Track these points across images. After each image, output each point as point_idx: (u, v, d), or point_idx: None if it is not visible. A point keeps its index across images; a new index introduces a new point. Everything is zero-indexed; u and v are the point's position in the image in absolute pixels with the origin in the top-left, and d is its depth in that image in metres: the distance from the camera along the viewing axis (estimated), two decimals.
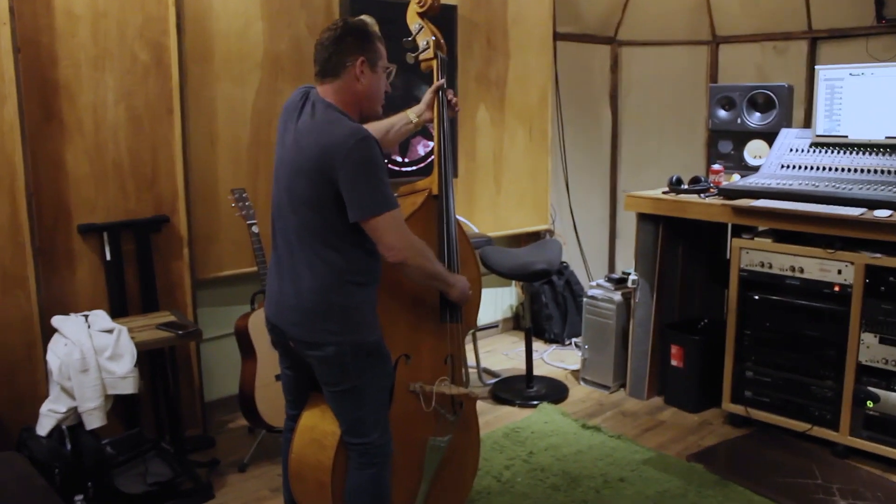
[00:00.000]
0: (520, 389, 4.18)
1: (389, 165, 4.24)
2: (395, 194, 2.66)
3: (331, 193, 2.15)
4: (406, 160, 4.33)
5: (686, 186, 3.89)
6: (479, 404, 4.01)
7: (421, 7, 2.68)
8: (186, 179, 3.51)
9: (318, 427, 2.47)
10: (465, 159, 4.65)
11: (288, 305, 2.27)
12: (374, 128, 2.63)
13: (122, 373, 2.87)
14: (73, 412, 2.84)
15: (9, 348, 3.10)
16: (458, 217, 2.68)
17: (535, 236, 5.16)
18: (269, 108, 3.75)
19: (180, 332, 3.07)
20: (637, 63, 5.38)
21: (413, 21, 2.69)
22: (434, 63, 2.66)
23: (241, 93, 3.68)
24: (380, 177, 2.16)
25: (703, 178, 3.92)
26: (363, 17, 2.34)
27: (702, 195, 3.77)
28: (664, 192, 3.93)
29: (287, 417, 2.59)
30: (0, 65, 2.97)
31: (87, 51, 3.21)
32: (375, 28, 2.36)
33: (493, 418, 3.87)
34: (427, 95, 2.68)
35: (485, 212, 4.81)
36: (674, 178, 3.91)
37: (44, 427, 2.82)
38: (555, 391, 4.20)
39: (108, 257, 3.33)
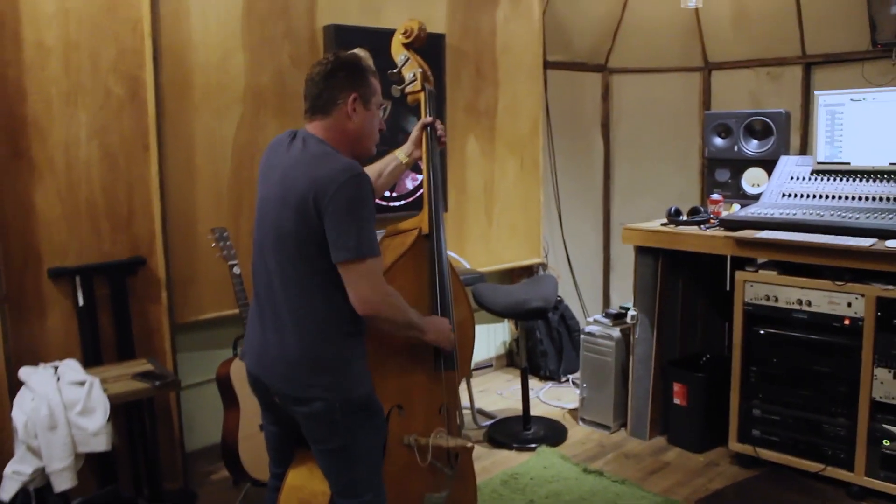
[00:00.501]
0: (516, 432, 4.00)
1: (377, 201, 4.07)
2: (385, 233, 2.53)
3: (318, 230, 1.99)
4: (394, 195, 4.17)
5: (685, 218, 3.76)
6: (476, 448, 3.85)
7: (406, 38, 2.55)
8: (164, 219, 3.34)
9: (307, 487, 2.28)
10: (455, 192, 4.51)
11: (271, 357, 2.09)
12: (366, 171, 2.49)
13: (94, 429, 2.68)
14: (41, 473, 2.64)
15: None
16: (448, 254, 2.52)
17: (527, 270, 5.01)
18: (250, 143, 3.59)
19: (157, 384, 2.88)
20: (628, 91, 5.28)
21: (398, 52, 2.56)
22: (421, 96, 2.52)
23: (221, 127, 3.53)
24: (367, 219, 2.01)
25: (702, 209, 3.79)
26: (357, 50, 2.19)
27: (702, 227, 3.64)
28: (662, 224, 3.79)
29: (271, 475, 2.40)
30: None
31: (59, 85, 3.05)
32: (370, 62, 2.21)
33: (490, 464, 3.69)
34: (414, 132, 2.54)
35: (476, 246, 4.66)
36: (672, 210, 3.78)
37: (7, 491, 2.61)
38: (553, 433, 4.02)
39: (81, 302, 3.14)
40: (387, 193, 4.11)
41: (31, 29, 2.97)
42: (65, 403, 2.67)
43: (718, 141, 4.15)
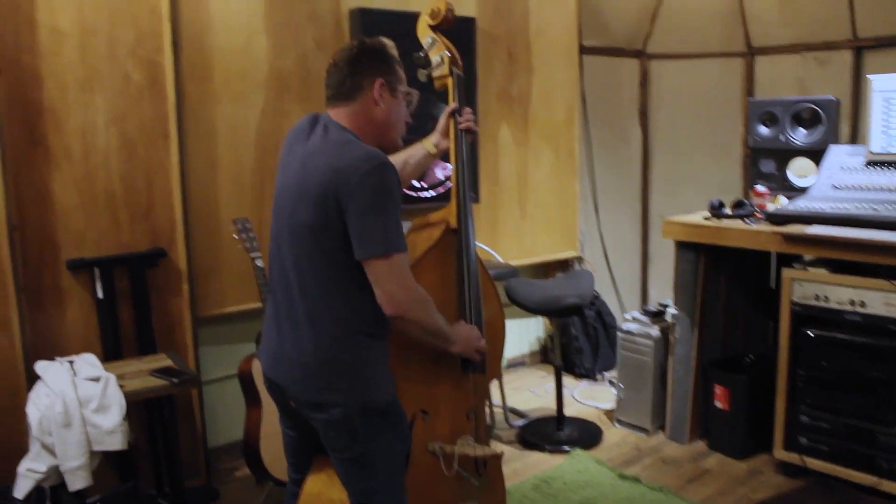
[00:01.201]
0: (549, 433, 3.85)
1: (406, 191, 3.94)
2: (411, 227, 2.39)
3: (338, 224, 1.85)
4: (424, 185, 4.03)
5: (729, 211, 3.56)
6: (507, 449, 3.72)
7: (434, 20, 2.39)
8: (185, 209, 3.23)
9: (325, 495, 2.16)
10: (487, 183, 4.35)
11: (287, 359, 1.96)
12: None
13: (109, 427, 2.58)
14: (55, 471, 2.55)
15: None
16: (480, 246, 2.38)
17: (563, 264, 4.84)
18: (274, 131, 3.47)
19: (175, 381, 2.77)
20: (668, 77, 5.05)
21: (424, 35, 2.41)
22: (449, 81, 2.37)
23: (243, 114, 3.41)
24: (393, 212, 1.87)
25: (746, 202, 3.59)
26: (382, 38, 2.06)
27: (747, 220, 3.44)
28: (705, 218, 3.60)
29: (290, 481, 2.28)
30: None
31: (75, 71, 2.95)
32: (394, 51, 2.08)
33: (522, 466, 3.54)
34: (441, 121, 2.40)
35: (509, 239, 4.50)
36: (715, 202, 3.59)
37: (21, 489, 2.53)
38: (588, 434, 3.86)
39: (100, 295, 3.05)
40: (415, 183, 3.97)
41: (46, 13, 2.88)
42: (80, 400, 2.58)
43: (763, 130, 3.93)
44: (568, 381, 4.64)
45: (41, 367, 2.73)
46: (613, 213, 5.08)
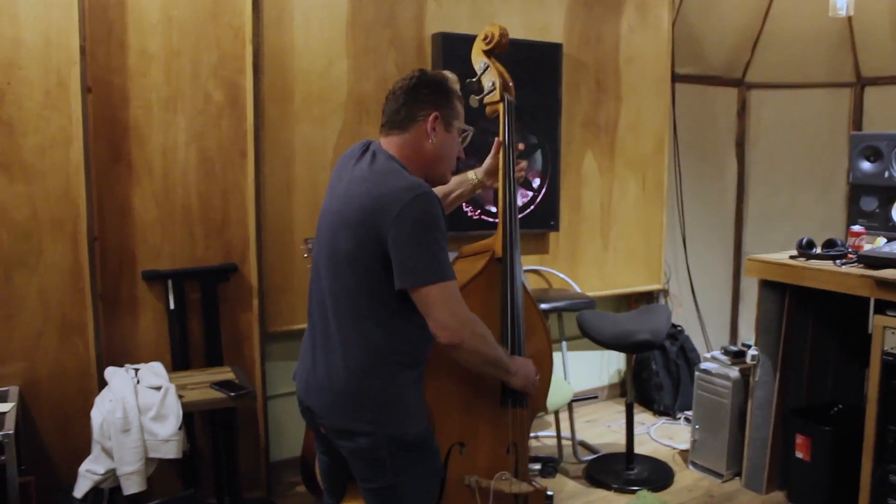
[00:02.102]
0: (618, 471, 3.71)
1: (482, 216, 3.91)
2: (458, 254, 2.35)
3: (377, 253, 1.83)
4: (494, 209, 3.96)
5: (819, 251, 3.35)
6: (572, 485, 3.60)
7: (487, 44, 2.36)
8: (258, 226, 3.32)
9: None
10: (569, 211, 4.26)
11: (318, 385, 1.95)
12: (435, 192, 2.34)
13: (165, 435, 2.66)
14: (113, 474, 2.64)
15: (65, 398, 2.99)
16: (557, 275, 2.30)
17: (646, 297, 4.68)
18: None
19: (232, 394, 2.83)
20: (768, 107, 4.83)
21: (478, 59, 2.38)
22: (500, 107, 2.32)
23: (321, 135, 3.48)
24: (438, 240, 1.83)
25: (839, 242, 3.36)
26: (445, 71, 2.05)
27: (837, 262, 3.22)
28: (792, 257, 3.40)
29: None
30: (68, 105, 2.89)
31: (159, 91, 3.08)
32: (456, 85, 2.05)
33: None
34: (489, 159, 2.35)
35: (589, 269, 4.39)
36: (804, 241, 3.38)
37: (80, 489, 2.64)
38: (658, 475, 3.69)
39: (172, 306, 3.16)
40: (492, 209, 3.93)
41: (136, 36, 3.02)
42: (140, 407, 2.67)
43: (866, 165, 3.68)
44: (645, 417, 4.48)
45: (109, 372, 2.85)
46: (703, 246, 4.88)
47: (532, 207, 4.06)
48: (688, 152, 4.72)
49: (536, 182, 4.05)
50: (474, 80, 2.37)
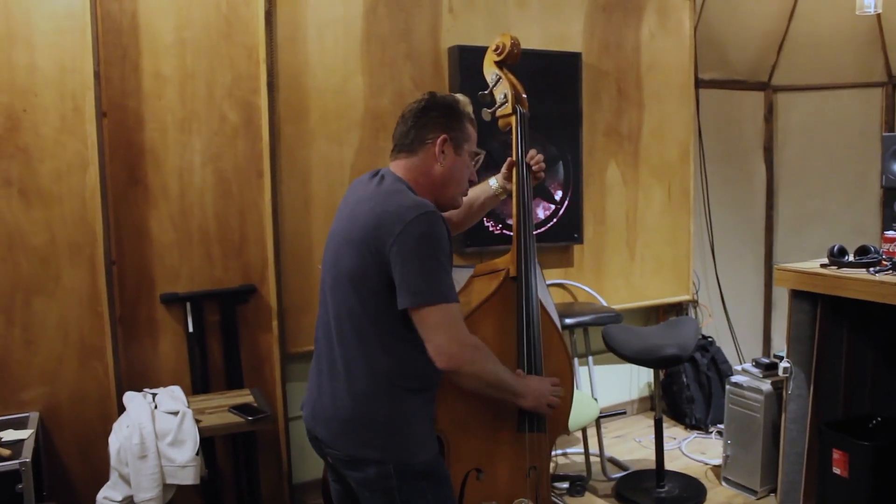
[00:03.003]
0: (648, 488, 3.61)
1: (504, 231, 3.84)
2: (473, 273, 2.30)
3: (381, 273, 1.79)
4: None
5: (851, 258, 3.23)
6: None
7: (498, 55, 2.31)
8: (277, 246, 3.29)
9: None
10: (593, 222, 4.19)
11: (324, 412, 1.91)
12: None
13: (182, 461, 2.63)
14: (131, 501, 2.62)
15: (86, 423, 2.99)
16: (583, 289, 2.24)
17: (675, 308, 4.58)
18: (369, 168, 3.46)
19: (250, 418, 2.79)
20: (796, 110, 4.72)
21: (490, 71, 2.33)
22: (513, 119, 2.27)
23: (338, 152, 3.45)
24: (440, 260, 1.78)
25: (873, 248, 3.24)
26: (457, 94, 2.01)
27: (871, 270, 3.10)
28: (823, 265, 3.29)
29: None
30: (83, 130, 2.90)
31: (175, 113, 3.08)
32: (468, 108, 2.02)
33: None
34: (504, 167, 2.30)
35: (615, 281, 4.30)
36: (835, 248, 3.26)
37: None
38: (690, 492, 3.59)
39: (191, 329, 3.14)
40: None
41: (150, 60, 3.02)
42: (157, 433, 2.64)
43: None
44: (677, 431, 4.38)
45: (127, 398, 2.83)
46: (732, 254, 4.77)
47: (555, 220, 3.99)
48: (714, 159, 4.63)
49: (559, 194, 3.98)
50: (486, 92, 2.32)
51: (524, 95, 2.31)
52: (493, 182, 2.33)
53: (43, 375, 2.91)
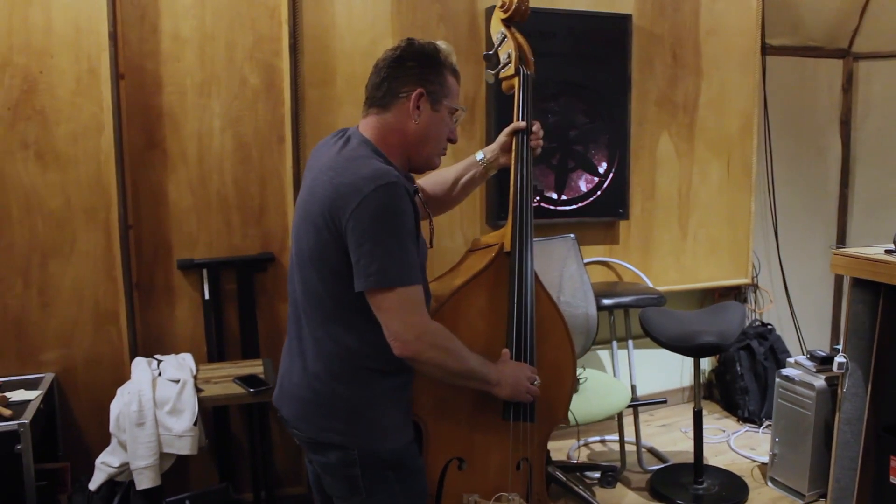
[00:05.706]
0: (686, 484, 3.39)
1: (542, 204, 3.63)
2: (469, 247, 2.14)
3: (340, 251, 1.64)
4: (564, 197, 3.70)
5: None
6: (632, 497, 3.33)
7: (504, 12, 2.12)
8: None
9: None
10: (641, 197, 3.93)
11: (289, 392, 1.80)
12: (438, 178, 2.11)
13: (180, 431, 2.58)
14: (128, 468, 2.59)
15: (100, 386, 2.98)
16: (628, 267, 2.04)
17: (733, 292, 4.29)
18: None
19: (252, 390, 2.72)
20: (879, 80, 4.30)
21: (496, 30, 2.14)
22: (515, 81, 2.08)
23: None
24: (398, 238, 1.61)
25: None
26: (439, 41, 1.81)
27: None
28: (887, 251, 2.97)
29: None
30: (99, 92, 2.86)
31: (193, 76, 3.00)
32: (451, 58, 1.81)
33: None
34: (502, 136, 2.10)
35: (664, 261, 4.04)
36: None
37: (95, 481, 2.60)
38: (730, 491, 3.35)
39: (207, 296, 3.09)
40: (552, 195, 3.66)
41: (169, 20, 2.95)
42: (156, 400, 2.60)
43: None
44: (728, 423, 4.12)
45: (135, 363, 2.81)
46: (798, 236, 4.42)
47: (598, 193, 3.76)
48: (781, 132, 4.27)
49: (603, 166, 3.74)
50: (491, 53, 2.14)
51: (531, 57, 2.12)
52: (480, 155, 2.14)
53: (59, 338, 2.92)
